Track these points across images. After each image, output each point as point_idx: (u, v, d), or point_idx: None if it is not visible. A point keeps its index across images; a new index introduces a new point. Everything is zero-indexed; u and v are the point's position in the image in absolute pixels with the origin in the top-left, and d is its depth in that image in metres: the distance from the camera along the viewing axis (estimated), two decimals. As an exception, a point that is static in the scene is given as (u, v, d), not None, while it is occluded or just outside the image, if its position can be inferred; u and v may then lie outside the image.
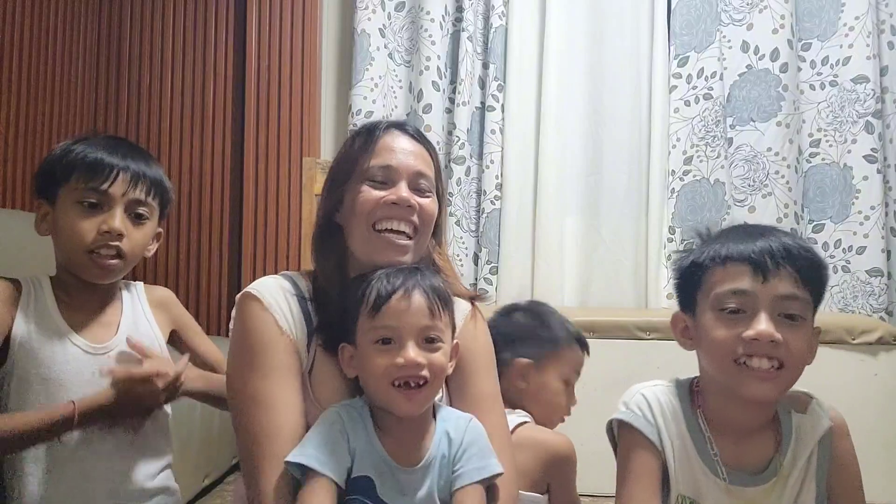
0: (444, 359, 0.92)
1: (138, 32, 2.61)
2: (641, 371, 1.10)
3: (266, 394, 0.93)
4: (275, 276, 1.05)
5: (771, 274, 0.88)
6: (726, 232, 0.98)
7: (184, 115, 2.60)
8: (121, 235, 1.06)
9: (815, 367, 0.93)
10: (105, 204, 1.06)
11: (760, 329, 0.87)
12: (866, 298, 2.35)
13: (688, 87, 2.48)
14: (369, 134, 1.03)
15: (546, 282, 2.47)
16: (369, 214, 0.98)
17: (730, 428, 0.95)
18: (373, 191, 0.99)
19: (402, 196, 0.98)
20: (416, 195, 1.00)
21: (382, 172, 1.00)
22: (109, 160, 1.06)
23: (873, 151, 2.38)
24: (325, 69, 2.68)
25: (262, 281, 1.03)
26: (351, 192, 1.01)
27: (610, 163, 2.56)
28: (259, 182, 2.54)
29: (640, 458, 0.95)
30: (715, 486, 0.93)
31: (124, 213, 1.07)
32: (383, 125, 1.04)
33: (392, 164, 1.00)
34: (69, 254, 1.07)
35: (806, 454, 0.94)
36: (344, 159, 1.05)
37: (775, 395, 0.92)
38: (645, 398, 0.98)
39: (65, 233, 1.06)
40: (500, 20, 2.55)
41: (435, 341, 0.91)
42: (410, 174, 1.01)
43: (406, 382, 0.89)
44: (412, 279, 0.93)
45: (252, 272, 2.51)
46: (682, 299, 1.00)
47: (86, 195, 1.05)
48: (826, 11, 2.45)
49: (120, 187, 1.07)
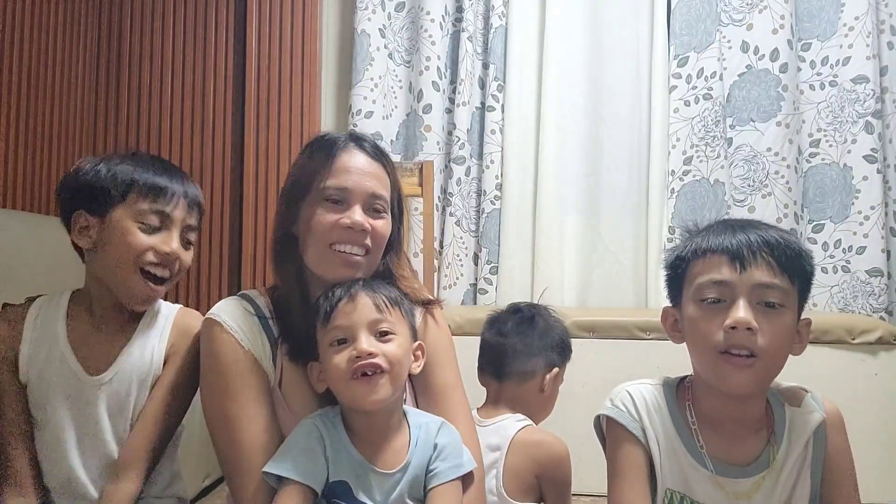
0: (400, 350, 0.96)
1: (138, 32, 2.61)
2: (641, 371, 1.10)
3: (234, 413, 0.98)
4: (234, 297, 1.09)
5: (748, 263, 0.90)
6: (710, 226, 0.99)
7: (184, 115, 2.60)
8: (177, 258, 1.08)
9: (815, 366, 0.94)
10: (164, 226, 1.08)
11: (738, 317, 0.88)
12: (866, 298, 2.35)
13: (688, 88, 2.48)
14: (328, 151, 1.06)
15: (546, 282, 2.46)
16: (324, 236, 1.02)
17: (719, 422, 0.96)
18: (328, 214, 1.02)
19: (355, 220, 1.02)
20: (371, 216, 1.04)
21: (338, 193, 1.03)
22: (172, 186, 1.09)
23: (873, 151, 2.38)
24: (325, 69, 2.68)
25: (221, 305, 1.06)
26: (307, 210, 1.04)
27: (610, 163, 2.56)
28: (259, 182, 2.54)
29: (626, 453, 0.97)
30: (703, 479, 0.94)
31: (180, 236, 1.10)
32: (342, 141, 1.07)
33: (348, 185, 1.03)
34: (117, 268, 1.07)
35: (800, 447, 0.95)
36: (301, 175, 1.07)
37: (754, 387, 0.93)
38: (630, 395, 1.00)
39: (119, 248, 1.06)
40: (500, 20, 2.55)
41: (387, 333, 0.96)
42: (365, 196, 1.04)
43: (364, 373, 0.93)
44: (355, 285, 1.00)
45: (252, 272, 2.51)
46: (670, 294, 1.02)
47: (148, 217, 1.07)
48: (826, 12, 2.46)
49: (181, 212, 1.09)
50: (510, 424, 1.25)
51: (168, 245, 1.07)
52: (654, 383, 1.03)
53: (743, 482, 0.93)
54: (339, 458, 0.94)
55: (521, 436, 1.22)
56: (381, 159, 1.08)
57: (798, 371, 1.03)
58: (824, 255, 2.44)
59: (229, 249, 2.56)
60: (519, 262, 2.51)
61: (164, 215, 1.08)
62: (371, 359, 0.93)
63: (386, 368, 0.94)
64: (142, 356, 1.10)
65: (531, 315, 1.37)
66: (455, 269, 2.55)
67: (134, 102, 2.60)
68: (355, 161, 1.05)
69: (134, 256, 1.06)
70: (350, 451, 0.95)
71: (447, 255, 2.54)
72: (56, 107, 2.41)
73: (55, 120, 2.40)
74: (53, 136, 2.39)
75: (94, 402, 1.06)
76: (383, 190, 1.07)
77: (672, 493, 0.95)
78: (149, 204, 1.07)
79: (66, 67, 2.46)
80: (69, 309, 1.10)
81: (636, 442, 0.97)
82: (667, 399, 1.00)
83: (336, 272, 1.03)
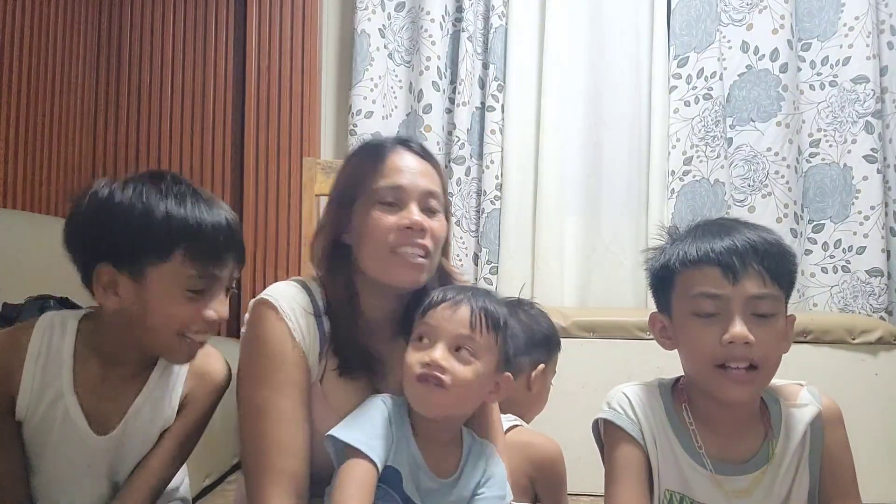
0: (471, 375, 0.93)
1: (138, 33, 2.61)
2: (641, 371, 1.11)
3: (274, 406, 0.94)
4: (289, 282, 1.03)
5: (740, 274, 0.90)
6: (693, 230, 0.98)
7: (184, 115, 2.60)
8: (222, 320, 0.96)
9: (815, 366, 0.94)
10: (209, 289, 0.94)
11: (735, 332, 0.88)
12: (866, 298, 2.35)
13: (688, 88, 2.48)
14: (376, 153, 1.02)
15: (546, 282, 2.46)
16: (383, 239, 0.98)
17: (716, 421, 0.96)
18: (384, 216, 0.98)
19: (414, 220, 0.98)
20: (427, 215, 1.00)
21: (392, 193, 0.99)
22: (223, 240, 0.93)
23: (873, 151, 2.38)
24: (325, 69, 2.68)
25: (278, 288, 1.01)
26: (360, 215, 1.00)
27: (610, 163, 2.56)
28: (259, 182, 2.54)
29: (624, 455, 0.97)
30: (702, 478, 0.94)
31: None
32: (390, 143, 1.04)
33: (402, 183, 0.99)
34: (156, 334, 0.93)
35: (797, 440, 0.95)
36: (350, 180, 1.04)
37: (753, 396, 0.94)
38: (626, 396, 1.00)
39: (160, 317, 0.92)
40: (499, 20, 2.55)
41: (466, 353, 0.93)
42: (420, 194, 1.00)
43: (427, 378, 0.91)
44: (465, 293, 0.97)
45: (252, 272, 2.51)
46: (657, 300, 1.02)
47: (196, 283, 0.92)
48: (826, 12, 2.45)
49: (227, 271, 0.96)
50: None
51: (217, 311, 0.94)
52: (650, 385, 1.03)
53: (742, 479, 0.94)
54: (400, 447, 0.93)
55: (510, 437, 1.20)
56: (430, 159, 1.06)
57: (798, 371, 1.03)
58: (824, 255, 2.44)
59: (229, 249, 2.56)
60: (519, 262, 2.51)
61: (213, 277, 0.93)
62: (436, 370, 0.91)
63: (447, 385, 0.91)
64: (154, 411, 1.00)
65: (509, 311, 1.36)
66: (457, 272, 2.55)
67: (134, 102, 2.61)
68: (406, 161, 1.02)
69: (178, 326, 0.93)
70: (410, 444, 0.94)
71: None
72: (56, 107, 2.41)
73: (55, 120, 2.40)
74: (53, 136, 2.39)
75: (97, 460, 0.98)
76: (437, 187, 1.03)
77: (672, 494, 0.95)
78: (198, 269, 0.91)
79: (67, 67, 2.46)
80: (76, 345, 0.96)
81: (634, 443, 0.96)
82: (663, 400, 1.00)
83: (400, 277, 0.99)
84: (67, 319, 0.98)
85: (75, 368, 0.95)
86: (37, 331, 0.96)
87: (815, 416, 0.96)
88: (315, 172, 2.02)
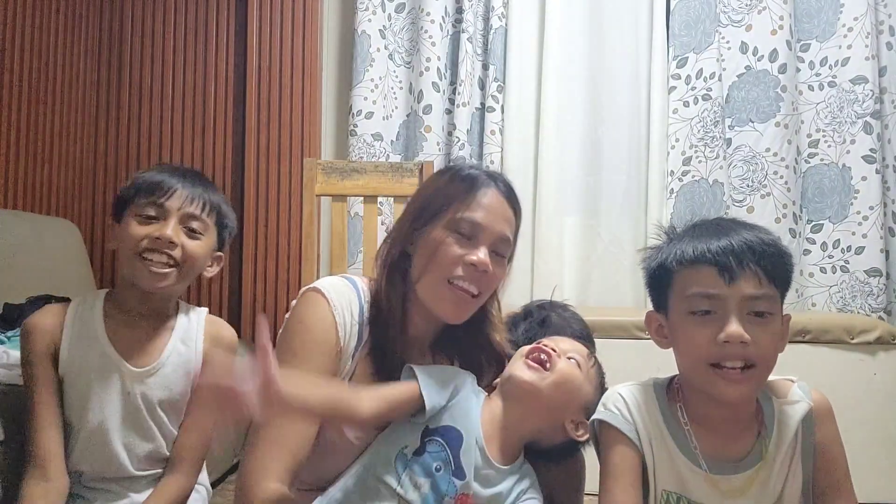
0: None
1: (139, 33, 2.62)
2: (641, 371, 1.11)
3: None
4: (344, 280, 1.06)
5: (736, 274, 0.90)
6: (690, 229, 0.99)
7: (184, 115, 2.60)
8: (172, 244, 1.12)
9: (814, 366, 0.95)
10: (161, 216, 1.14)
11: (731, 331, 0.88)
12: (865, 298, 2.36)
13: (687, 88, 2.49)
14: (470, 183, 1.04)
15: (546, 282, 2.47)
16: (447, 267, 1.00)
17: (711, 421, 0.97)
18: (455, 246, 1.00)
19: (481, 259, 1.00)
20: (493, 259, 1.02)
21: (470, 227, 1.01)
22: (169, 180, 1.15)
23: (872, 152, 2.38)
24: (326, 70, 2.68)
25: (332, 282, 1.04)
26: (432, 235, 1.02)
27: (609, 163, 2.56)
28: (259, 182, 2.54)
29: (619, 455, 0.97)
30: (698, 478, 0.94)
31: (179, 225, 1.14)
32: (484, 178, 1.05)
33: (482, 222, 1.01)
34: (125, 261, 1.14)
35: (789, 438, 0.96)
36: (436, 199, 1.05)
37: (749, 395, 0.94)
38: (622, 397, 1.01)
39: (123, 241, 1.14)
40: (499, 21, 2.55)
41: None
42: (495, 237, 1.03)
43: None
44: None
45: (252, 272, 2.52)
46: (653, 299, 1.02)
47: (145, 208, 1.14)
48: (825, 12, 2.46)
49: (176, 202, 1.14)
50: None
51: (160, 231, 1.12)
52: (645, 385, 1.03)
53: (737, 478, 0.94)
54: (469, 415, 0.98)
55: None
56: (515, 204, 1.08)
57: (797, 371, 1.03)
58: (823, 255, 2.44)
59: (229, 250, 2.56)
60: (519, 262, 2.48)
61: (160, 206, 1.13)
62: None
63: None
64: (185, 351, 1.17)
65: (544, 316, 1.32)
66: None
67: (134, 102, 2.61)
68: (493, 200, 1.04)
69: (133, 246, 1.12)
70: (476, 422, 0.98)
71: (447, 256, 2.55)
72: (57, 107, 2.41)
73: (56, 120, 2.40)
74: (54, 137, 2.39)
75: (138, 392, 1.12)
76: (510, 233, 1.06)
77: (669, 494, 0.96)
78: (146, 198, 1.14)
79: (68, 68, 2.47)
80: (105, 308, 1.16)
81: (630, 444, 0.97)
82: (658, 400, 1.00)
83: (445, 310, 1.02)
84: (98, 293, 1.20)
85: (106, 322, 1.15)
86: (73, 301, 1.18)
87: (806, 413, 0.97)
88: (315, 172, 2.02)
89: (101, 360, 1.12)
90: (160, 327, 1.18)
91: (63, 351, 1.11)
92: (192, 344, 1.19)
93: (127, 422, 1.12)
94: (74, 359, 1.11)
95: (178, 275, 1.14)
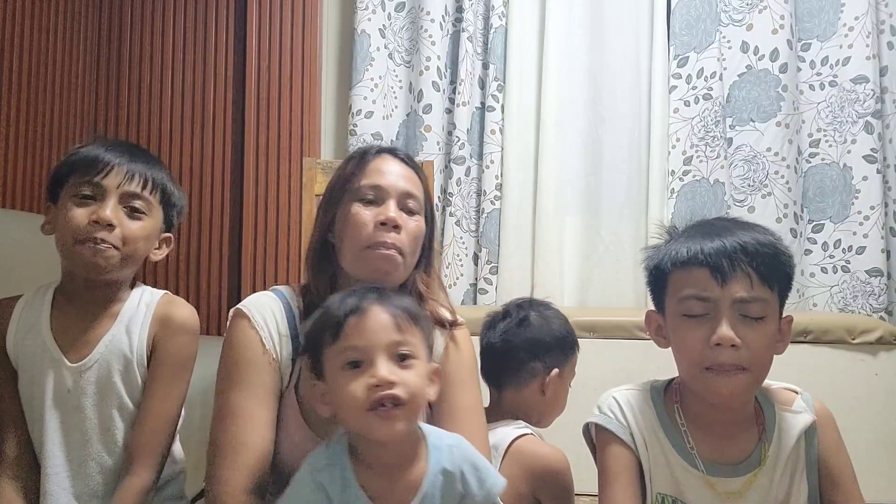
0: (420, 380, 0.85)
1: (138, 33, 2.61)
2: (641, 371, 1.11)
3: (241, 408, 0.98)
4: (267, 292, 1.09)
5: (728, 276, 0.89)
6: (687, 229, 0.99)
7: (184, 115, 2.60)
8: (111, 225, 1.04)
9: (815, 366, 0.94)
10: (99, 196, 1.06)
11: (721, 334, 0.88)
12: (866, 298, 2.35)
13: (687, 88, 2.48)
14: (362, 157, 1.10)
15: (546, 282, 2.46)
16: (360, 233, 1.03)
17: (708, 423, 0.96)
18: (363, 210, 1.04)
19: (389, 215, 1.02)
20: (404, 214, 1.05)
21: (373, 191, 1.05)
22: (105, 156, 1.07)
23: (873, 151, 2.38)
24: (325, 69, 2.68)
25: (254, 298, 1.07)
26: (342, 212, 1.06)
27: (609, 163, 2.56)
28: (259, 182, 2.54)
29: (616, 459, 0.97)
30: (695, 480, 0.94)
31: (119, 205, 1.07)
32: (374, 149, 1.11)
33: (381, 183, 1.05)
34: (64, 247, 1.07)
35: (790, 446, 0.95)
36: (337, 181, 1.10)
37: (742, 395, 0.93)
38: (616, 401, 1.01)
39: (60, 226, 1.06)
40: (499, 20, 2.55)
41: (408, 357, 0.84)
42: (399, 193, 1.06)
43: (382, 404, 0.81)
44: (370, 296, 0.87)
45: (252, 272, 2.51)
46: (653, 299, 1.02)
47: (80, 188, 1.06)
48: (826, 12, 2.46)
49: (113, 179, 1.06)
50: (507, 432, 1.20)
51: (98, 213, 1.04)
52: (641, 388, 1.03)
53: (735, 481, 0.93)
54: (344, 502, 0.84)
55: (518, 444, 1.18)
56: (413, 165, 1.11)
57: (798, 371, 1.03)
58: (824, 255, 2.44)
59: (229, 249, 2.56)
60: (519, 262, 2.51)
61: (95, 184, 1.05)
62: (391, 389, 0.81)
63: (405, 400, 0.82)
64: (122, 342, 1.08)
65: (522, 316, 1.30)
66: (455, 269, 2.55)
67: (134, 102, 2.61)
68: (389, 165, 1.08)
69: (72, 231, 1.04)
70: (356, 493, 0.84)
71: (447, 255, 2.54)
72: (56, 107, 2.41)
73: (55, 120, 2.40)
74: (53, 137, 2.39)
75: (76, 390, 1.05)
76: (417, 191, 1.08)
77: (663, 497, 0.95)
78: (81, 177, 1.06)
79: (67, 67, 2.46)
80: (55, 299, 1.10)
81: (625, 447, 0.97)
82: (654, 402, 1.00)
83: (372, 268, 1.02)
84: (52, 282, 1.13)
85: (53, 313, 1.08)
86: (28, 291, 1.13)
87: (809, 425, 0.96)
88: (315, 172, 2.02)
89: (41, 353, 1.06)
90: (102, 315, 1.09)
91: (9, 344, 1.07)
92: (137, 330, 1.09)
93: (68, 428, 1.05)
94: (19, 352, 1.07)
95: (120, 259, 1.06)
